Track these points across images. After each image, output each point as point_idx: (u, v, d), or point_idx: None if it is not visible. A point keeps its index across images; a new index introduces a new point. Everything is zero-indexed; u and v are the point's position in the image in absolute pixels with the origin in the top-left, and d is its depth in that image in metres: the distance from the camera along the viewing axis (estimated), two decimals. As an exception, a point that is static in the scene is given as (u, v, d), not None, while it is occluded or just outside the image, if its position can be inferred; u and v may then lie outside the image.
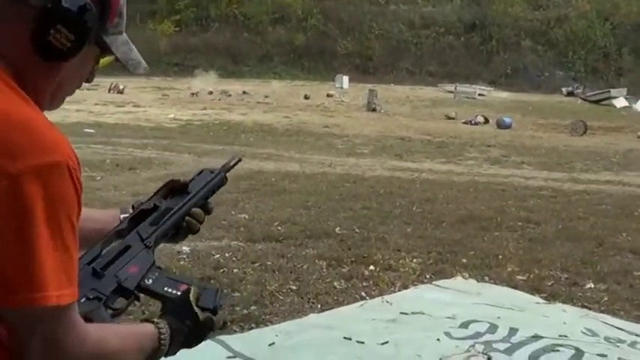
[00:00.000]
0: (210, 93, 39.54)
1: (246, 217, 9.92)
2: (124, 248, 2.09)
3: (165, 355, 1.92)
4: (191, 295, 2.03)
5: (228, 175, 2.50)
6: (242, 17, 64.78)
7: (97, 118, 24.90)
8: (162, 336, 1.89)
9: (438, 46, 64.89)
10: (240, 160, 2.58)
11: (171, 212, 2.27)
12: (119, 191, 11.82)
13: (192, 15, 64.96)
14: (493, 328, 5.66)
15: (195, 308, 2.01)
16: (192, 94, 39.21)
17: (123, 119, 25.37)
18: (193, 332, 1.99)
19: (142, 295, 2.09)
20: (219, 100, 36.89)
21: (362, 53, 63.32)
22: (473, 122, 29.51)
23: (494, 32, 65.20)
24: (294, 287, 6.86)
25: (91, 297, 1.91)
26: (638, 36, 63.31)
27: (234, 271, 7.32)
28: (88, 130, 21.04)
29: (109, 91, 37.38)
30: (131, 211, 2.29)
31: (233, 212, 10.19)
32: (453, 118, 31.17)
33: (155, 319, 1.93)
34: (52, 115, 1.73)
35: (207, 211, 2.39)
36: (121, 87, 38.06)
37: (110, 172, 13.79)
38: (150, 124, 24.13)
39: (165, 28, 61.94)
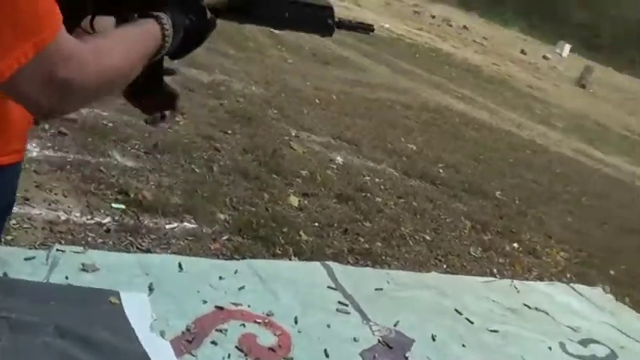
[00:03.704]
0: (433, 17, 38.95)
1: (414, 148, 9.61)
2: None
3: (166, 54, 1.74)
4: None
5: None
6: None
7: None
8: (165, 32, 1.67)
9: (675, 46, 62.12)
10: (369, 32, 2.24)
11: None
12: (303, 80, 11.67)
13: None
14: (612, 357, 5.19)
15: (206, 2, 1.82)
16: (415, 12, 38.72)
17: (340, 14, 25.09)
18: (196, 28, 1.78)
19: None
20: (438, 26, 36.25)
21: (592, 28, 61.30)
22: (680, 133, 28.24)
23: None
24: (429, 238, 6.50)
25: None
26: None
27: (377, 199, 7.00)
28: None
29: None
30: None
31: (403, 139, 9.91)
32: (659, 123, 29.90)
33: (155, 13, 1.68)
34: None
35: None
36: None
37: (303, 60, 13.66)
38: (361, 26, 23.81)
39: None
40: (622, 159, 16.74)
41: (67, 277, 3.56)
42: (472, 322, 4.87)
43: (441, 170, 8.97)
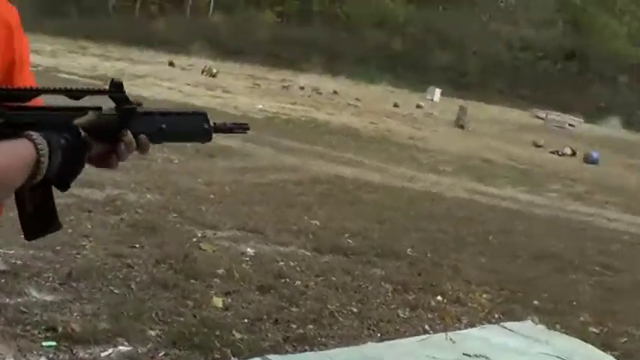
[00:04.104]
0: (302, 88, 39.42)
1: (318, 224, 9.68)
2: None
3: (47, 175, 1.70)
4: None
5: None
6: (344, 16, 65.26)
7: (185, 99, 24.86)
8: (38, 146, 1.66)
9: (534, 71, 64.14)
10: (246, 131, 2.23)
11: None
12: (193, 178, 11.66)
13: (295, 8, 66.00)
14: (559, 386, 5.31)
15: (77, 122, 1.79)
16: (284, 87, 39.17)
17: (210, 103, 25.24)
18: (74, 147, 1.76)
19: None
20: (309, 96, 36.66)
21: (457, 68, 62.82)
22: (560, 153, 29.17)
23: (593, 64, 64.27)
24: (356, 310, 6.57)
25: None
26: None
27: (297, 283, 7.05)
28: (174, 111, 20.99)
29: (202, 72, 37.53)
30: None
31: (305, 217, 9.97)
32: (540, 146, 30.83)
33: (26, 132, 1.68)
34: (141, 89, 1.49)
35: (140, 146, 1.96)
36: (214, 71, 38.18)
37: (188, 158, 13.63)
38: (236, 112, 23.99)
39: (267, 17, 62.87)
40: (515, 189, 17.17)
41: None
42: (418, 384, 4.92)
43: (349, 240, 9.06)
